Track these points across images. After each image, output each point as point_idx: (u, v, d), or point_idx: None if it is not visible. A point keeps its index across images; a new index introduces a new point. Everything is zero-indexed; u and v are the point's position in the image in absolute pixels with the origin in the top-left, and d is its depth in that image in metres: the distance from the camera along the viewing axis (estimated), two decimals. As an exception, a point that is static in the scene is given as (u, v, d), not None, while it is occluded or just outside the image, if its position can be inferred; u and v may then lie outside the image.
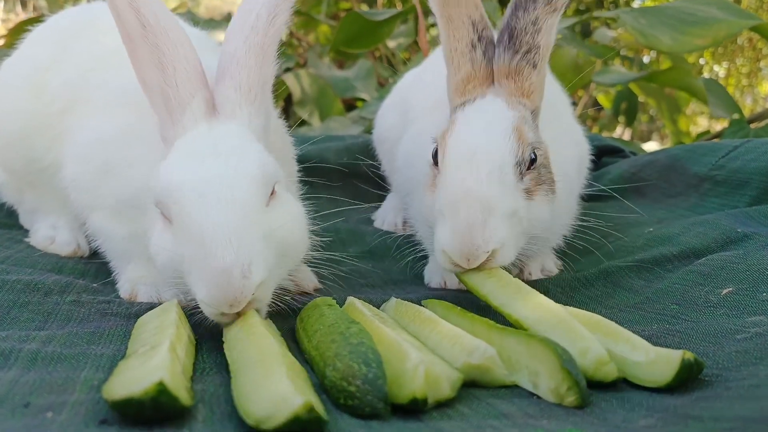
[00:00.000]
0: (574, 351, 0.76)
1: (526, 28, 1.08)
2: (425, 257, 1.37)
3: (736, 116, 2.78)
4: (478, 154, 1.02)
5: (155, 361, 0.70)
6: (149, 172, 1.00)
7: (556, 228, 1.25)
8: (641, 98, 4.86)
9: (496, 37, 1.14)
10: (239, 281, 0.81)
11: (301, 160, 1.32)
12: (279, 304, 0.94)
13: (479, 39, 1.12)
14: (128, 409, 0.62)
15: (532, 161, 1.05)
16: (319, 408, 0.63)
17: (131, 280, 1.13)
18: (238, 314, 0.85)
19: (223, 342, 0.85)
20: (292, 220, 0.94)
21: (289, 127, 1.35)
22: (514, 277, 1.25)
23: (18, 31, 3.31)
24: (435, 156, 1.09)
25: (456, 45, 1.13)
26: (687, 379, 0.74)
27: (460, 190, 1.00)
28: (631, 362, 0.78)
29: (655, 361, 0.75)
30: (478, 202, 0.98)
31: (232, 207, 0.85)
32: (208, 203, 0.85)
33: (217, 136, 0.94)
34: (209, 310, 0.85)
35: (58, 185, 1.23)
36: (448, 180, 1.02)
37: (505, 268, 1.14)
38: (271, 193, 0.92)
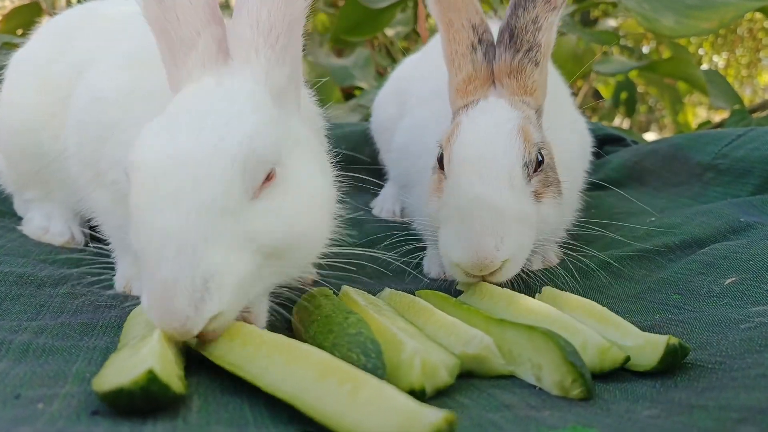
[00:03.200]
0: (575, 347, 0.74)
1: (526, 26, 1.07)
2: (424, 247, 1.35)
3: (737, 107, 2.76)
4: (486, 157, 0.99)
5: (145, 350, 0.66)
6: None
7: (560, 223, 1.24)
8: (641, 89, 4.84)
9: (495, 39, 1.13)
10: (185, 308, 0.64)
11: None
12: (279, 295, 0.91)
13: (479, 41, 1.11)
14: (119, 400, 0.61)
15: (539, 163, 1.03)
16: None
17: (126, 276, 1.11)
18: None
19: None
20: (290, 216, 0.74)
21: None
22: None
23: (13, 17, 3.29)
24: (440, 160, 1.07)
25: (456, 48, 1.12)
26: (672, 362, 0.75)
27: (468, 196, 0.97)
28: (621, 347, 0.79)
29: (643, 346, 0.76)
30: (489, 208, 0.95)
31: (193, 204, 0.66)
32: (162, 195, 0.67)
33: (215, 95, 0.75)
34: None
35: (63, 178, 1.20)
36: (456, 186, 1.00)
37: None
38: (268, 178, 0.73)
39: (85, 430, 0.56)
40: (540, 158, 1.03)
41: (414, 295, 0.99)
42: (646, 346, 0.77)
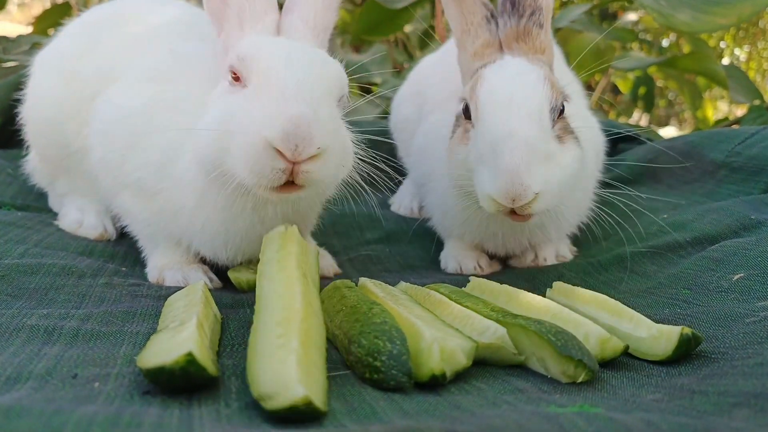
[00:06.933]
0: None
1: None
2: (441, 242, 1.40)
3: (756, 102, 2.75)
4: (517, 97, 1.06)
5: (184, 334, 0.74)
6: (175, 138, 1.05)
7: (572, 214, 1.27)
8: (660, 83, 4.79)
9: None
10: (309, 130, 0.88)
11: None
12: None
13: (491, 15, 1.20)
14: (160, 377, 0.67)
15: (561, 111, 1.10)
16: (318, 400, 0.63)
17: (158, 267, 1.18)
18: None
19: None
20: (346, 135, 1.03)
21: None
22: (530, 261, 1.30)
23: (45, 18, 3.38)
24: (466, 111, 1.14)
25: (471, 19, 1.20)
26: (686, 352, 0.79)
27: (503, 132, 1.04)
28: (635, 338, 0.83)
29: (657, 337, 0.80)
30: (522, 143, 1.02)
31: (312, 71, 0.95)
32: (293, 66, 0.94)
33: (296, 43, 1.03)
34: (269, 155, 0.89)
35: (86, 169, 1.28)
36: (489, 124, 1.06)
37: (521, 255, 1.21)
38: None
39: (139, 409, 0.62)
40: (563, 106, 1.10)
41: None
42: (661, 337, 0.80)
